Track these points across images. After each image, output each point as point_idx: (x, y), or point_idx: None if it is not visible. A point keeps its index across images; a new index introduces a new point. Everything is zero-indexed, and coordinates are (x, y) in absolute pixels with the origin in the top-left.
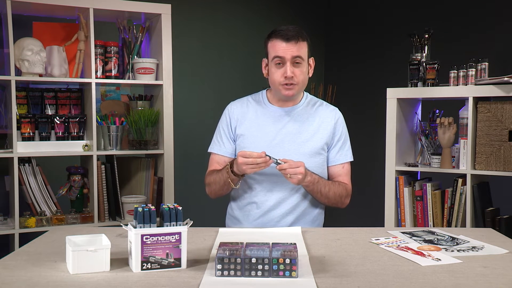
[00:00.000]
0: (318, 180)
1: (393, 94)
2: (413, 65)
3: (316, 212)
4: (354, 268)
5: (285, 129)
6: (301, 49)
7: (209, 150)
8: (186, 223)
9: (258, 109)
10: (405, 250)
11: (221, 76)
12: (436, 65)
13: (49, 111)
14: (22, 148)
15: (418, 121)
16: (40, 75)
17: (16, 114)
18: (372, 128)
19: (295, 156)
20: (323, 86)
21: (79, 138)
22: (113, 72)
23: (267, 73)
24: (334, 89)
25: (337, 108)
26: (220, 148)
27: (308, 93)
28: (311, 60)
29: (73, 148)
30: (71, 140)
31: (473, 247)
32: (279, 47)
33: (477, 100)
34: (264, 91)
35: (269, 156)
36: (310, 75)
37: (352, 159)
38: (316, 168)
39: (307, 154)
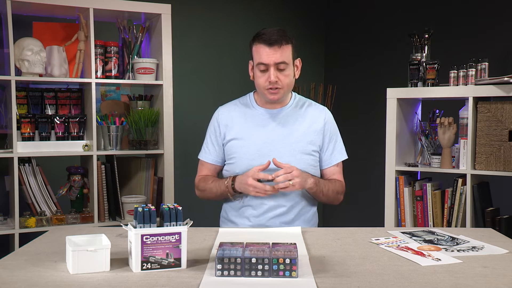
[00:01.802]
0: (318, 180)
1: (393, 94)
2: (413, 65)
3: (311, 213)
4: (354, 268)
5: (275, 131)
6: (285, 53)
7: (198, 157)
8: (186, 223)
9: (246, 112)
10: (405, 250)
11: (221, 76)
12: (436, 65)
13: (49, 111)
14: (22, 148)
15: (418, 121)
16: (40, 75)
17: (16, 114)
18: (372, 128)
19: (287, 157)
20: (323, 86)
21: (79, 138)
22: (113, 72)
23: (253, 76)
24: (334, 89)
25: (326, 108)
26: (207, 156)
27: (296, 94)
28: (298, 61)
29: (73, 148)
30: (71, 140)
31: (473, 247)
32: (262, 52)
33: (477, 100)
34: (251, 93)
35: (266, 181)
36: (297, 76)
37: (346, 157)
38: (309, 167)
39: (298, 154)
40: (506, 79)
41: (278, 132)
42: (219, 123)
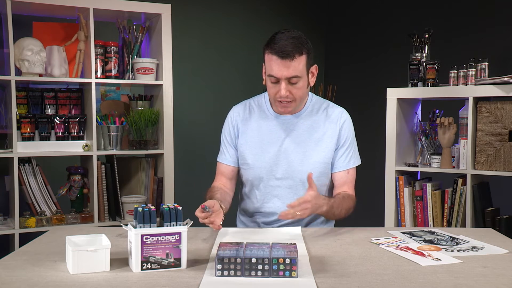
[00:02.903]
0: (332, 205)
1: (393, 94)
2: (413, 65)
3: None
4: (354, 268)
5: (288, 139)
6: (298, 66)
7: (217, 159)
8: (186, 223)
9: (260, 117)
10: (405, 250)
11: (221, 76)
12: (436, 65)
13: (49, 111)
14: (22, 148)
15: (418, 121)
16: (40, 75)
17: (16, 114)
18: (372, 128)
19: (299, 166)
20: (323, 86)
21: (79, 138)
22: (113, 72)
23: (265, 82)
24: (334, 89)
25: (344, 110)
26: (225, 157)
27: (313, 95)
28: (314, 69)
29: (73, 148)
30: (71, 140)
31: (473, 247)
32: (274, 65)
33: (477, 100)
34: (266, 93)
35: (208, 210)
36: (312, 84)
37: (358, 163)
38: (322, 176)
39: (312, 163)
40: (506, 79)
41: (292, 141)
42: (233, 125)
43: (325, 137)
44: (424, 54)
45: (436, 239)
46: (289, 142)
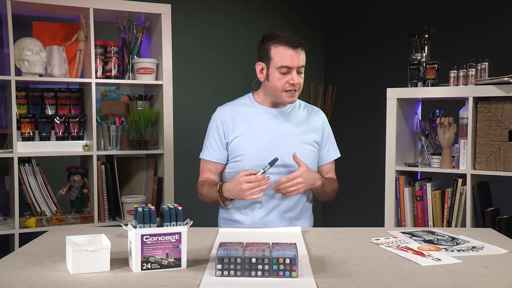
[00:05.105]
0: (324, 182)
1: (393, 94)
2: (413, 65)
3: (311, 208)
4: (354, 268)
5: (280, 128)
6: (304, 57)
7: (200, 157)
8: (186, 223)
9: (249, 110)
10: (405, 250)
11: (221, 76)
12: (436, 65)
13: (49, 111)
14: (22, 148)
15: (418, 121)
16: (40, 75)
17: (16, 114)
18: (372, 128)
19: (294, 152)
20: (323, 86)
21: (79, 138)
22: (113, 72)
23: (264, 78)
24: (334, 89)
25: (319, 109)
26: (211, 154)
27: None
28: None
29: (73, 148)
30: (71, 140)
31: (473, 247)
32: (286, 55)
33: (477, 100)
34: (250, 94)
35: (263, 170)
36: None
37: (340, 155)
38: (312, 162)
39: (304, 149)
40: (506, 79)
41: (283, 129)
42: (222, 122)
43: (312, 127)
44: (424, 54)
45: (436, 239)
46: (282, 130)
